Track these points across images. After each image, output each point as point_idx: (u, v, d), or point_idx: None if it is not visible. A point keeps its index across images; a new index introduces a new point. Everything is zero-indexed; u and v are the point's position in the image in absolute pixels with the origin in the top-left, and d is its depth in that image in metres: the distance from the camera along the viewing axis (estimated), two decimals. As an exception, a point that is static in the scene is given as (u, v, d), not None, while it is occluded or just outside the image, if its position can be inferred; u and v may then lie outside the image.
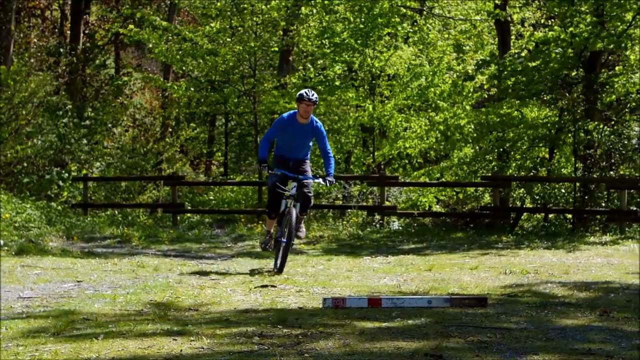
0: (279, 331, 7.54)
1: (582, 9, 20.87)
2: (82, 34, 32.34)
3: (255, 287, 10.41)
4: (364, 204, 22.21)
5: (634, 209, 19.63)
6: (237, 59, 25.65)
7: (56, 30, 35.03)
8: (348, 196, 23.53)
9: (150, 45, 26.06)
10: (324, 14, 24.74)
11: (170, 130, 32.40)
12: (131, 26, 27.22)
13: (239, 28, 26.43)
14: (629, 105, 21.30)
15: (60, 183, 24.07)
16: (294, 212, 11.90)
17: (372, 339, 7.26)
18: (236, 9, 25.74)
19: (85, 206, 22.86)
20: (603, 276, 11.57)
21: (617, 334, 7.48)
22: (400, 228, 20.35)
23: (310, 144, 12.35)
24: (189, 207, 23.90)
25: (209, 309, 8.79)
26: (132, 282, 10.91)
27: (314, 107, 12.03)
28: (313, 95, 11.91)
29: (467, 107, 24.32)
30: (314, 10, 25.05)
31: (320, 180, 12.31)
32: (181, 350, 6.76)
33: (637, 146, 20.66)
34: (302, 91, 12.01)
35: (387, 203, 21.46)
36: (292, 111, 12.22)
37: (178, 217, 21.92)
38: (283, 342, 7.09)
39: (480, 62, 23.52)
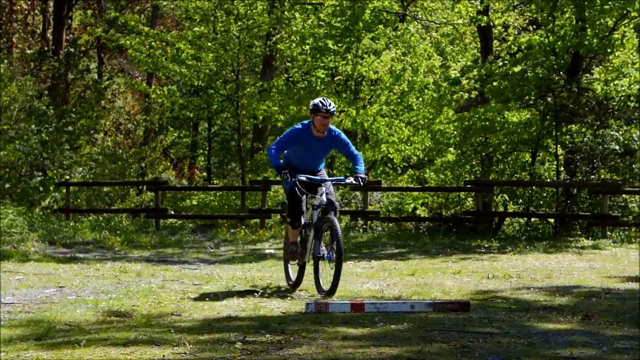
0: (262, 336, 7.53)
1: (565, 16, 20.92)
2: (64, 39, 32.24)
3: (238, 293, 10.38)
4: (347, 208, 22.21)
5: (616, 213, 19.71)
6: (219, 64, 25.64)
7: (38, 35, 34.91)
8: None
9: (132, 53, 25.99)
10: (307, 17, 24.74)
11: (153, 135, 32.33)
12: (112, 31, 27.15)
13: (222, 33, 26.41)
14: (610, 109, 21.38)
15: (41, 188, 23.98)
16: (335, 220, 10.04)
17: (355, 344, 7.26)
18: (223, 12, 25.70)
19: (67, 211, 22.79)
20: (585, 280, 11.61)
21: (598, 338, 7.51)
22: (384, 233, 20.37)
23: (325, 156, 10.88)
24: (172, 212, 23.86)
25: (191, 315, 8.77)
26: (115, 288, 10.88)
27: (332, 118, 10.44)
28: (331, 105, 10.21)
29: (450, 112, 24.38)
30: (296, 14, 25.05)
31: (351, 180, 10.47)
32: (163, 356, 6.75)
33: (619, 150, 20.74)
34: (317, 101, 10.27)
35: (370, 208, 21.47)
36: (307, 121, 10.49)
37: (161, 222, 21.88)
38: (266, 348, 7.08)
39: (465, 67, 23.60)
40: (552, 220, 20.75)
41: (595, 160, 20.80)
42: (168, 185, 24.60)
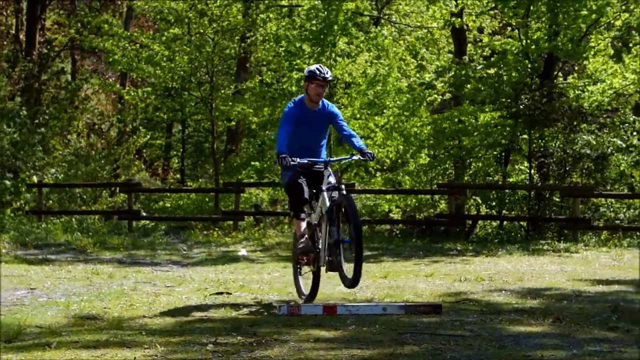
0: (233, 339, 7.52)
1: (538, 22, 21.01)
2: (37, 40, 32.07)
3: (210, 295, 10.37)
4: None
5: (587, 216, 19.82)
6: (194, 66, 25.59)
7: (11, 36, 34.71)
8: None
9: (106, 55, 25.90)
10: (281, 20, 24.73)
11: (126, 136, 32.22)
12: (85, 33, 27.04)
13: (197, 34, 26.35)
14: (583, 114, 21.50)
15: (13, 189, 23.84)
16: (349, 196, 9.26)
17: (327, 347, 7.26)
18: (197, 14, 25.64)
19: (39, 213, 22.66)
20: (556, 283, 11.67)
21: (569, 341, 7.55)
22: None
23: (327, 135, 10.07)
24: (145, 214, 23.78)
25: (163, 317, 8.75)
26: (86, 290, 10.83)
27: (327, 87, 9.91)
28: (327, 72, 9.62)
29: (424, 115, 24.43)
30: (271, 15, 25.03)
31: (358, 157, 9.77)
32: (135, 358, 6.73)
33: (591, 155, 20.85)
34: (314, 67, 9.67)
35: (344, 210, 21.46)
36: (297, 98, 9.92)
37: (133, 224, 21.80)
38: (237, 350, 7.07)
39: (439, 69, 23.67)
40: (524, 224, 20.84)
41: (567, 164, 20.91)
42: (141, 187, 24.52)
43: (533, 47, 20.76)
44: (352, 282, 8.91)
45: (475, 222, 21.63)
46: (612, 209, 20.99)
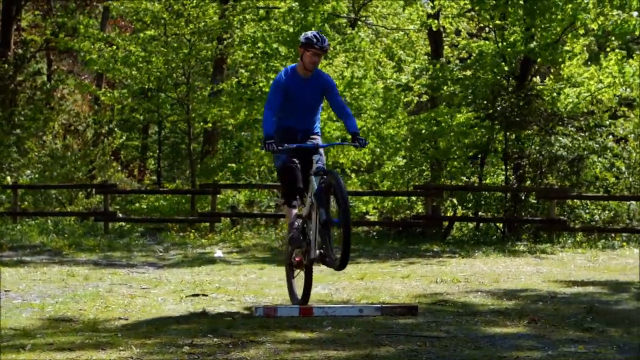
0: (210, 340, 7.50)
1: (517, 24, 21.07)
2: (13, 41, 31.90)
3: (186, 296, 10.34)
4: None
5: (563, 218, 19.91)
6: (170, 67, 25.52)
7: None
8: (281, 204, 23.48)
9: (83, 55, 25.79)
10: (258, 21, 24.70)
11: (102, 137, 32.09)
12: (62, 35, 26.91)
13: (173, 36, 26.27)
14: (559, 116, 21.59)
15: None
16: (337, 175, 8.83)
17: (303, 348, 7.26)
18: (173, 15, 25.56)
19: (14, 214, 22.54)
20: (532, 285, 11.71)
21: (544, 342, 7.58)
22: (334, 237, 20.35)
23: (320, 107, 9.61)
24: (121, 216, 23.68)
25: (139, 319, 8.72)
26: (62, 292, 10.78)
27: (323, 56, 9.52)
28: (325, 41, 9.16)
29: (401, 117, 24.46)
30: (247, 17, 24.98)
31: (348, 142, 9.54)
32: (110, 360, 6.72)
33: (567, 157, 20.96)
34: (311, 34, 9.20)
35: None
36: (289, 66, 9.50)
37: (109, 226, 21.71)
38: (213, 351, 7.06)
39: (416, 70, 23.71)
40: (500, 225, 20.91)
41: (542, 166, 21.00)
42: (117, 188, 24.43)
43: (509, 49, 20.83)
44: (339, 264, 8.69)
45: (451, 223, 21.69)
46: (587, 211, 21.10)
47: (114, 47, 25.70)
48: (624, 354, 7.16)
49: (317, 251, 8.95)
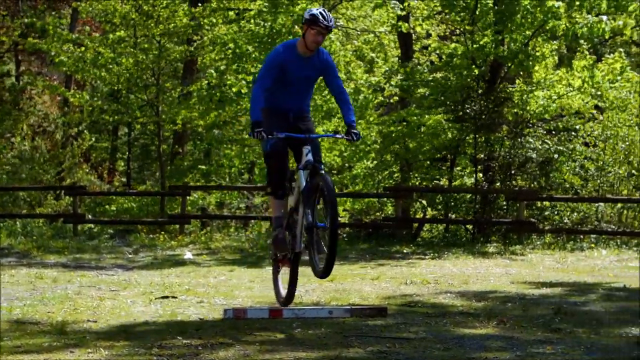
0: (179, 342, 7.49)
1: (486, 32, 21.13)
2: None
3: (155, 298, 10.31)
4: (268, 214, 22.18)
5: (532, 219, 20.01)
6: (140, 68, 25.41)
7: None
8: (251, 206, 23.48)
9: (51, 56, 25.63)
10: (228, 23, 24.64)
11: (71, 139, 31.92)
12: (30, 38, 26.73)
13: (143, 37, 26.15)
14: (529, 119, 21.70)
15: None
16: (327, 177, 8.34)
17: (272, 350, 7.26)
18: (143, 17, 25.42)
19: (-18, 216, 22.39)
20: (501, 286, 11.76)
21: (512, 343, 7.62)
22: (303, 238, 20.34)
23: (312, 90, 9.20)
24: (90, 217, 23.57)
25: (108, 321, 8.69)
26: (30, 294, 10.71)
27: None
28: (331, 20, 8.60)
29: (371, 118, 24.49)
30: (215, 20, 24.92)
31: (342, 135, 9.02)
32: (78, 363, 6.69)
33: (536, 159, 21.07)
34: (317, 10, 8.60)
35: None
36: (289, 40, 8.96)
37: (78, 228, 21.61)
38: (182, 353, 7.05)
39: (387, 72, 23.75)
40: (470, 227, 20.98)
41: (512, 168, 21.11)
42: (86, 190, 24.31)
43: (479, 52, 20.90)
44: (323, 272, 8.38)
45: (421, 225, 21.74)
46: (556, 213, 21.22)
47: (83, 48, 25.56)
48: (591, 354, 7.21)
49: (303, 244, 8.74)
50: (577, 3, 20.23)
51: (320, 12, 8.53)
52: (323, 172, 8.44)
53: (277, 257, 9.30)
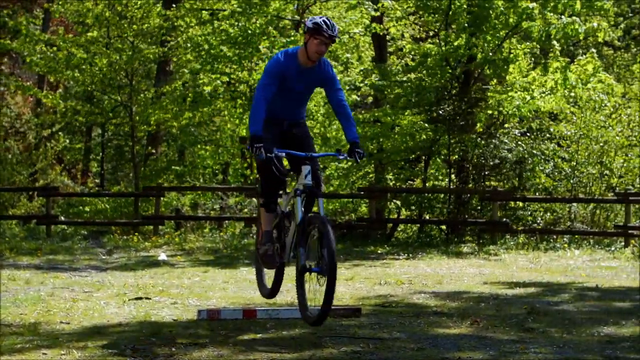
0: (152, 344, 7.47)
1: (461, 35, 21.18)
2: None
3: (129, 300, 10.27)
4: (242, 215, 22.16)
5: (506, 220, 20.09)
6: (113, 69, 25.30)
7: None
8: (225, 207, 23.44)
9: (25, 54, 25.49)
10: (201, 24, 24.59)
11: (45, 140, 31.77)
12: (2, 39, 26.59)
13: (117, 37, 26.04)
14: (503, 120, 21.79)
15: None
16: (325, 219, 7.95)
17: (246, 350, 7.26)
18: (117, 17, 25.30)
19: (-46, 218, 22.26)
20: (474, 286, 11.81)
21: (485, 342, 7.65)
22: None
23: (308, 99, 8.82)
24: (63, 219, 23.47)
25: (81, 322, 8.65)
26: (2, 296, 10.63)
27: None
28: (335, 29, 8.04)
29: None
30: (188, 21, 24.86)
31: (345, 156, 8.32)
32: (51, 365, 6.66)
33: (510, 160, 21.16)
34: (320, 19, 8.05)
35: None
36: (290, 48, 8.34)
37: (52, 229, 21.50)
38: (156, 355, 7.03)
39: (363, 71, 23.76)
40: (444, 227, 21.04)
41: (486, 169, 21.19)
42: (59, 191, 24.20)
43: (454, 53, 20.95)
44: (316, 320, 7.75)
45: (395, 225, 21.79)
46: (530, 213, 21.32)
47: (55, 48, 25.44)
48: (563, 353, 7.26)
49: (292, 253, 8.29)
50: (552, 4, 20.33)
51: (324, 21, 8.00)
52: (320, 214, 8.01)
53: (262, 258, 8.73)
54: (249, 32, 22.93)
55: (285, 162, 8.49)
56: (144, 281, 12.41)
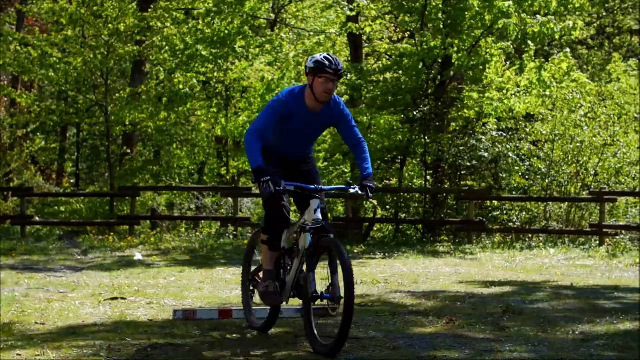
0: (128, 344, 7.45)
1: (437, 36, 21.21)
2: None
3: (105, 300, 10.24)
4: (218, 215, 22.12)
5: (481, 219, 20.16)
6: (88, 69, 25.19)
7: None
8: (201, 207, 23.40)
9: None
10: (177, 24, 24.53)
11: (19, 140, 31.58)
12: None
13: (92, 37, 25.93)
14: (479, 119, 21.85)
15: None
16: (339, 242, 7.29)
17: (222, 350, 7.25)
18: (92, 16, 25.18)
19: None
20: (450, 285, 11.84)
21: (461, 341, 7.67)
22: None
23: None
24: (38, 219, 23.35)
25: (56, 323, 8.61)
26: (-24, 296, 10.60)
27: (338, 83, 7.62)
28: (339, 63, 7.44)
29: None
30: (164, 23, 24.79)
31: (356, 190, 7.58)
32: (25, 365, 6.63)
33: (486, 159, 21.23)
34: (319, 56, 7.47)
35: (241, 214, 21.45)
36: (295, 87, 7.69)
37: (27, 229, 21.39)
38: (131, 355, 7.01)
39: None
40: (420, 227, 21.08)
41: (462, 168, 21.25)
42: (34, 191, 24.08)
43: (430, 54, 20.97)
44: (329, 351, 7.03)
45: (371, 225, 21.80)
46: (505, 212, 21.39)
47: (30, 47, 25.31)
48: (538, 352, 7.29)
49: (293, 292, 7.67)
50: (528, 2, 20.42)
51: (325, 57, 7.40)
52: (332, 236, 7.36)
53: (253, 284, 8.34)
54: (226, 31, 22.89)
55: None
56: (119, 281, 12.37)
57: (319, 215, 7.39)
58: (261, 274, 7.99)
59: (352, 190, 7.55)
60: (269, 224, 7.74)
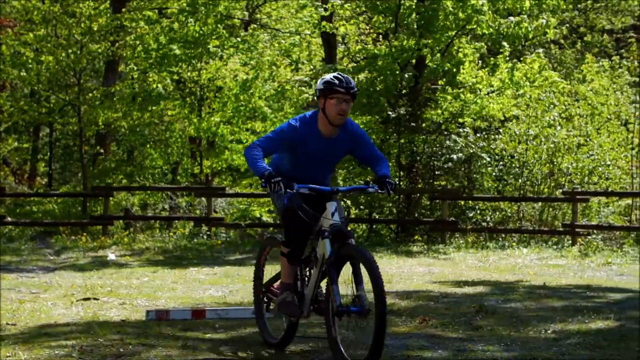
0: (100, 345, 7.41)
1: (411, 38, 21.24)
2: None
3: (77, 300, 10.19)
4: (192, 214, 22.06)
5: (455, 219, 20.20)
6: (60, 68, 25.07)
7: None
8: (175, 207, 23.33)
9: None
10: (150, 23, 24.45)
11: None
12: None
13: (64, 37, 25.80)
14: (452, 120, 21.91)
15: None
16: (368, 254, 6.80)
17: (195, 350, 7.24)
18: (64, 14, 25.06)
19: None
20: (424, 285, 11.86)
21: (434, 341, 7.69)
22: (228, 239, 20.28)
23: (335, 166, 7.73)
24: (10, 219, 23.19)
25: (27, 323, 8.56)
26: (-53, 297, 10.52)
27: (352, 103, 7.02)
28: (351, 81, 6.92)
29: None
30: (139, 23, 24.70)
31: (376, 188, 7.03)
32: (-4, 367, 6.58)
33: (459, 159, 21.29)
34: (330, 76, 6.95)
35: (214, 214, 21.40)
36: (307, 113, 7.15)
37: (-1, 230, 21.27)
38: (104, 356, 6.98)
39: (313, 70, 23.77)
40: (393, 226, 21.10)
41: (435, 168, 21.29)
42: (6, 191, 23.92)
43: (404, 55, 21.00)
44: None
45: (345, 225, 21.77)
46: (479, 212, 21.45)
47: (3, 46, 25.16)
48: (510, 351, 7.31)
49: (312, 306, 7.24)
50: (501, 1, 20.50)
51: (335, 76, 6.89)
52: (352, 241, 6.86)
53: (267, 295, 7.83)
54: (200, 31, 22.84)
55: None
56: (92, 282, 12.32)
57: (337, 219, 6.86)
58: (276, 285, 7.62)
59: (371, 190, 7.07)
60: (292, 236, 7.17)
